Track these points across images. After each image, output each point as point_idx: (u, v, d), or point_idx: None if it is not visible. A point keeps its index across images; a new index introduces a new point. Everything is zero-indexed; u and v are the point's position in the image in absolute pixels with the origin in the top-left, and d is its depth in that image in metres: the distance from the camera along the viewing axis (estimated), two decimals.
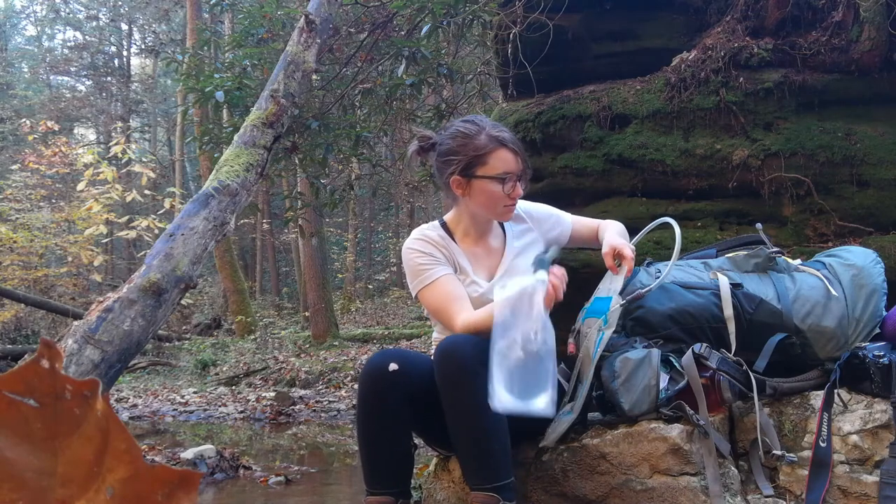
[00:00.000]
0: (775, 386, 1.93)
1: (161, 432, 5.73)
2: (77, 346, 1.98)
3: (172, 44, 18.76)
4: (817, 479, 1.80)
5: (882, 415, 1.82)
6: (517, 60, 3.43)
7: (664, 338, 1.98)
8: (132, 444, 0.39)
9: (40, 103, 20.88)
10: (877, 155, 2.97)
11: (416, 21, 4.58)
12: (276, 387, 8.55)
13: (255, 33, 4.79)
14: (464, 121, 2.10)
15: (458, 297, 1.97)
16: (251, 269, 20.49)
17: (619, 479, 1.88)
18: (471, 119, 2.09)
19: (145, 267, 2.23)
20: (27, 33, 26.91)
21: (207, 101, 4.61)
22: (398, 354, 1.86)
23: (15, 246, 11.19)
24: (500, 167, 1.98)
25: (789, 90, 3.06)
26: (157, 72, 22.18)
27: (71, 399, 0.37)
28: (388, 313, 15.75)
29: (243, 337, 12.54)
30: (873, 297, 2.00)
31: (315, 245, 11.78)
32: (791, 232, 3.06)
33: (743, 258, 2.10)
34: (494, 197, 1.99)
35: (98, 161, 10.74)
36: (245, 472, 3.63)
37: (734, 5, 3.28)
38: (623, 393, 1.88)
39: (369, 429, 1.85)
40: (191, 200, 2.49)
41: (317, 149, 4.86)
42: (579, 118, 3.24)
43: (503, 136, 2.00)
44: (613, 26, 3.50)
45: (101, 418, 0.38)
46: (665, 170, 3.14)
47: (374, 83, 4.86)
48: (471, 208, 2.06)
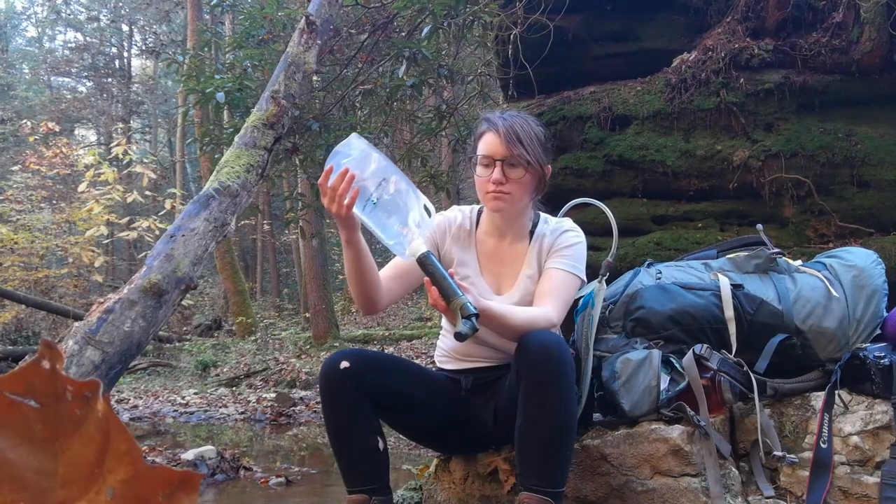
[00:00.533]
0: (776, 387, 1.93)
1: (161, 433, 5.73)
2: (78, 347, 1.98)
3: (173, 45, 18.80)
4: (818, 480, 1.80)
5: (883, 416, 1.82)
6: (518, 61, 3.44)
7: (665, 339, 1.98)
8: (133, 445, 0.39)
9: (41, 104, 20.90)
10: (877, 156, 2.97)
11: (416, 22, 4.58)
12: (276, 388, 8.55)
13: (255, 34, 4.80)
14: None
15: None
16: (252, 271, 20.49)
17: (619, 480, 1.88)
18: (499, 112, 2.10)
19: (146, 268, 2.23)
20: (28, 34, 26.95)
21: (208, 102, 4.61)
22: (351, 353, 1.84)
23: (16, 247, 11.20)
24: (482, 149, 1.91)
25: (790, 91, 3.06)
26: (157, 73, 22.20)
27: (72, 400, 0.37)
28: (389, 314, 15.74)
29: (244, 338, 12.54)
30: (874, 298, 2.00)
31: (316, 246, 11.78)
32: (792, 233, 3.06)
33: (744, 259, 2.10)
34: (479, 182, 1.91)
35: (99, 162, 10.74)
36: (245, 473, 3.63)
37: (734, 6, 3.28)
38: (624, 394, 1.88)
39: (330, 427, 1.85)
40: (191, 201, 2.49)
41: (317, 150, 4.86)
42: (580, 119, 3.24)
43: (495, 120, 1.93)
44: (614, 27, 3.51)
45: (101, 419, 0.38)
46: (665, 171, 3.14)
47: (374, 84, 4.86)
48: None
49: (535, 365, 1.70)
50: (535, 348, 1.71)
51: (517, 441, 1.75)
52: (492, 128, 1.90)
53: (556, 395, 1.70)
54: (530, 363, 1.71)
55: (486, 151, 1.89)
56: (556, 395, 1.70)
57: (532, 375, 1.70)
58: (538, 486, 1.69)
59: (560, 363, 1.70)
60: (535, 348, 1.71)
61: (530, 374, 1.71)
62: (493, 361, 1.98)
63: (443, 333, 2.11)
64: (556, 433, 1.70)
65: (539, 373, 1.70)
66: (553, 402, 1.70)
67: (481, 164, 1.90)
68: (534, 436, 1.71)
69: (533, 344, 1.72)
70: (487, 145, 1.89)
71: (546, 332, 1.76)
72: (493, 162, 1.87)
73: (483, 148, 1.90)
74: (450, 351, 2.04)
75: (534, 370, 1.70)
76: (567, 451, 1.73)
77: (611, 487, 1.89)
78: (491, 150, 1.88)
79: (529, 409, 1.71)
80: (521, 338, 1.74)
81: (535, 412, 1.70)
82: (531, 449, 1.72)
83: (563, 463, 1.73)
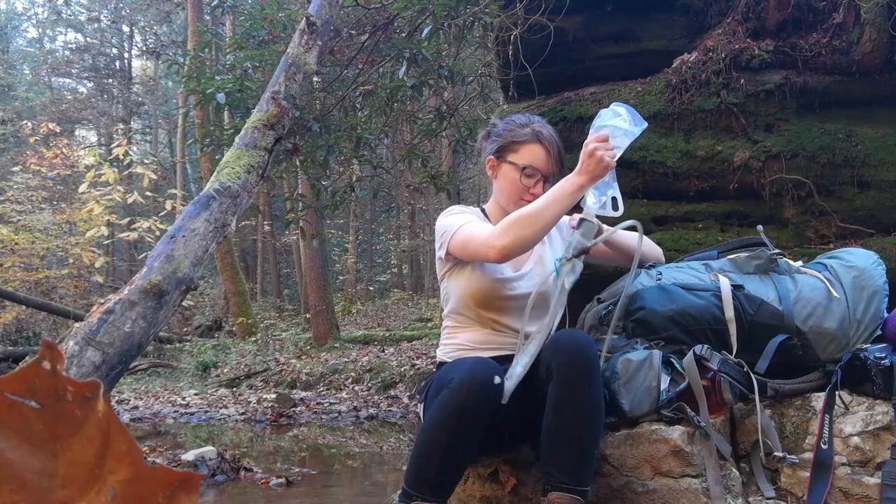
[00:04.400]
0: (776, 387, 1.92)
1: (162, 434, 5.74)
2: (78, 348, 1.98)
3: (174, 46, 18.82)
4: (818, 481, 1.80)
5: (883, 416, 1.82)
6: (518, 62, 3.44)
7: (665, 339, 1.98)
8: (133, 445, 0.39)
9: (42, 105, 20.91)
10: (878, 156, 2.97)
11: (417, 23, 4.59)
12: (276, 388, 8.55)
13: (256, 35, 4.80)
14: (522, 115, 2.16)
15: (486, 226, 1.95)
16: (252, 271, 20.49)
17: (620, 481, 1.88)
18: (529, 116, 2.15)
19: (146, 269, 2.23)
20: (28, 35, 26.94)
21: (208, 103, 4.61)
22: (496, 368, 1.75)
23: (16, 248, 11.21)
24: (528, 158, 2.00)
25: (790, 92, 3.06)
26: (158, 74, 22.21)
27: (72, 401, 0.37)
28: (389, 315, 15.75)
29: (244, 339, 12.54)
30: (874, 298, 2.00)
31: (316, 247, 11.78)
32: (792, 233, 3.06)
33: (744, 260, 2.09)
34: (514, 185, 2.00)
35: (99, 163, 10.75)
36: (246, 474, 3.63)
37: (735, 7, 3.28)
38: (624, 394, 1.88)
39: (454, 439, 1.71)
40: (192, 202, 2.49)
41: (318, 150, 4.86)
42: (580, 120, 3.24)
43: (543, 133, 2.03)
44: (614, 28, 3.51)
45: (102, 420, 0.38)
46: (666, 171, 3.14)
47: (375, 85, 4.86)
48: (496, 193, 2.09)
49: (569, 363, 1.72)
50: (569, 345, 1.74)
51: (545, 439, 1.74)
52: (542, 141, 2.01)
53: (589, 392, 1.71)
54: (564, 361, 1.72)
55: (534, 164, 2.00)
56: (590, 392, 1.71)
57: (566, 372, 1.72)
58: (568, 485, 1.69)
59: (592, 361, 1.73)
60: (569, 345, 1.74)
61: (564, 371, 1.72)
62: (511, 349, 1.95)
63: (451, 331, 2.09)
64: (587, 431, 1.71)
65: (573, 369, 1.71)
66: (587, 400, 1.71)
67: (524, 174, 1.99)
68: (565, 434, 1.72)
69: (566, 342, 1.75)
70: (537, 158, 2.00)
71: (578, 330, 1.82)
72: (538, 175, 1.99)
73: (531, 159, 2.00)
74: (466, 343, 2.01)
75: (568, 367, 1.72)
76: (596, 450, 1.76)
77: (611, 488, 1.89)
78: (540, 165, 2.00)
79: (562, 407, 1.72)
80: (552, 337, 1.79)
81: (569, 410, 1.71)
82: (562, 447, 1.72)
83: (592, 461, 1.75)
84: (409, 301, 17.26)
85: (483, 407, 1.68)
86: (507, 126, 2.09)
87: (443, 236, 2.00)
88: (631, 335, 2.01)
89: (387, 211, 19.48)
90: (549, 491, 1.72)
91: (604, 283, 2.21)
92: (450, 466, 1.75)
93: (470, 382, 1.67)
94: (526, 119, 2.10)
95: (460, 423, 1.69)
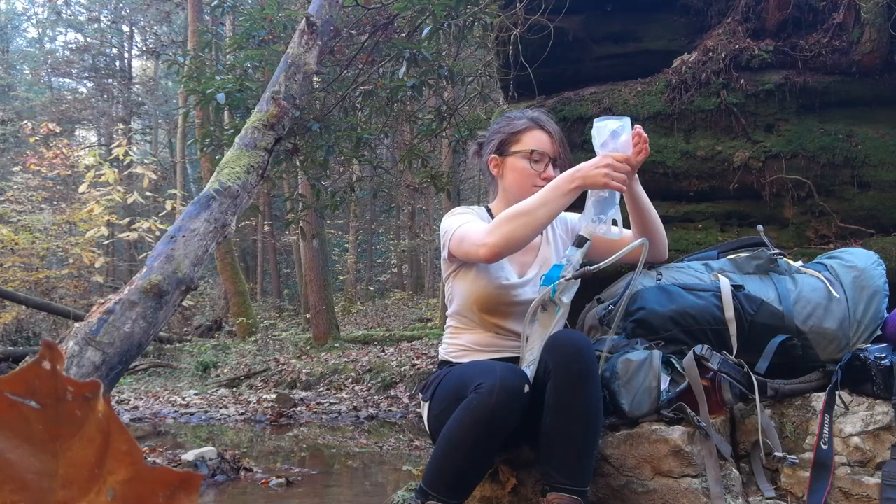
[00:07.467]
0: (776, 388, 1.92)
1: (162, 434, 5.74)
2: (78, 348, 1.98)
3: (174, 46, 18.82)
4: (819, 481, 1.80)
5: (883, 416, 1.82)
6: (518, 62, 3.44)
7: (665, 339, 1.97)
8: (133, 445, 0.39)
9: (42, 105, 20.91)
10: (878, 156, 2.97)
11: (417, 23, 4.59)
12: (276, 389, 8.55)
13: (256, 35, 4.80)
14: (514, 111, 2.18)
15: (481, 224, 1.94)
16: (252, 271, 20.49)
17: (620, 482, 1.88)
18: (522, 110, 2.16)
19: (146, 269, 2.23)
20: (28, 35, 26.95)
21: (208, 103, 4.61)
22: (525, 377, 1.75)
23: (16, 248, 11.21)
24: (532, 144, 2.01)
25: (790, 92, 3.06)
26: (158, 74, 22.21)
27: (72, 401, 0.37)
28: (389, 315, 15.76)
29: (244, 339, 12.54)
30: (875, 298, 2.00)
31: (316, 247, 11.78)
32: (792, 233, 3.06)
33: (744, 260, 2.09)
34: (524, 174, 2.00)
35: (99, 163, 10.76)
36: (246, 474, 3.63)
37: (735, 7, 3.28)
38: (624, 394, 1.88)
39: (479, 444, 1.70)
40: (192, 202, 2.49)
41: (318, 150, 4.86)
42: (580, 120, 3.24)
43: (541, 119, 2.04)
44: (614, 28, 3.51)
45: (102, 420, 0.38)
46: (666, 171, 3.14)
47: (375, 85, 4.86)
48: (505, 189, 2.08)
49: (567, 363, 1.72)
50: (566, 346, 1.74)
51: (543, 439, 1.75)
52: (541, 126, 2.02)
53: (587, 393, 1.71)
54: (562, 361, 1.72)
55: (539, 147, 2.01)
56: (588, 393, 1.71)
57: (564, 373, 1.72)
58: (567, 485, 1.69)
59: (591, 361, 1.73)
60: (566, 346, 1.74)
61: (561, 372, 1.72)
62: (513, 352, 1.97)
63: (455, 331, 2.09)
64: (586, 431, 1.71)
65: (571, 370, 1.71)
66: (585, 400, 1.71)
67: (531, 159, 2.00)
68: (563, 435, 1.72)
69: (564, 343, 1.75)
70: (539, 142, 2.01)
71: (576, 331, 1.82)
72: (546, 158, 2.00)
73: (534, 143, 2.01)
74: (469, 344, 2.01)
75: (566, 368, 1.72)
76: (594, 450, 1.76)
77: (611, 488, 1.89)
78: (545, 147, 2.01)
79: (560, 407, 1.72)
80: (550, 338, 1.79)
81: (567, 410, 1.71)
82: (560, 448, 1.72)
83: (591, 461, 1.74)
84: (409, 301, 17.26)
85: (511, 414, 1.68)
86: (502, 123, 2.10)
87: (444, 237, 2.01)
88: (631, 335, 2.01)
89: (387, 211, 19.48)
90: (548, 491, 1.72)
91: (604, 284, 2.21)
92: (470, 470, 1.75)
93: (500, 389, 1.67)
94: (519, 112, 2.11)
95: (488, 429, 1.68)
